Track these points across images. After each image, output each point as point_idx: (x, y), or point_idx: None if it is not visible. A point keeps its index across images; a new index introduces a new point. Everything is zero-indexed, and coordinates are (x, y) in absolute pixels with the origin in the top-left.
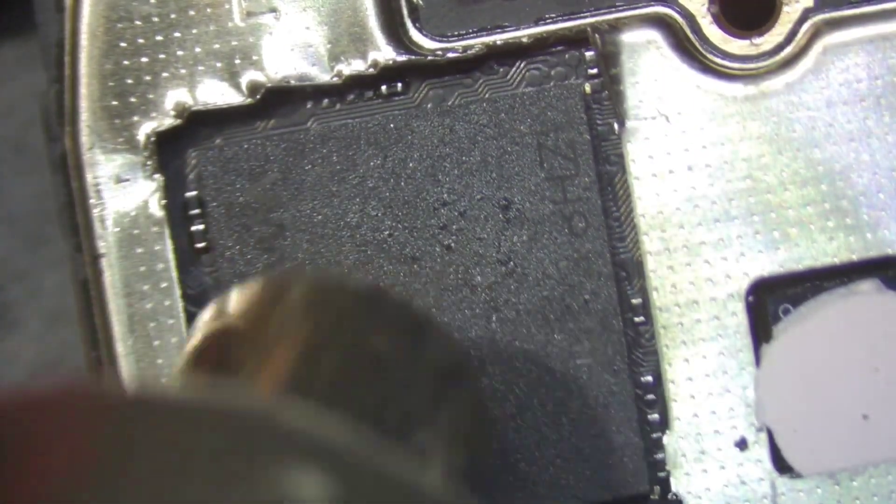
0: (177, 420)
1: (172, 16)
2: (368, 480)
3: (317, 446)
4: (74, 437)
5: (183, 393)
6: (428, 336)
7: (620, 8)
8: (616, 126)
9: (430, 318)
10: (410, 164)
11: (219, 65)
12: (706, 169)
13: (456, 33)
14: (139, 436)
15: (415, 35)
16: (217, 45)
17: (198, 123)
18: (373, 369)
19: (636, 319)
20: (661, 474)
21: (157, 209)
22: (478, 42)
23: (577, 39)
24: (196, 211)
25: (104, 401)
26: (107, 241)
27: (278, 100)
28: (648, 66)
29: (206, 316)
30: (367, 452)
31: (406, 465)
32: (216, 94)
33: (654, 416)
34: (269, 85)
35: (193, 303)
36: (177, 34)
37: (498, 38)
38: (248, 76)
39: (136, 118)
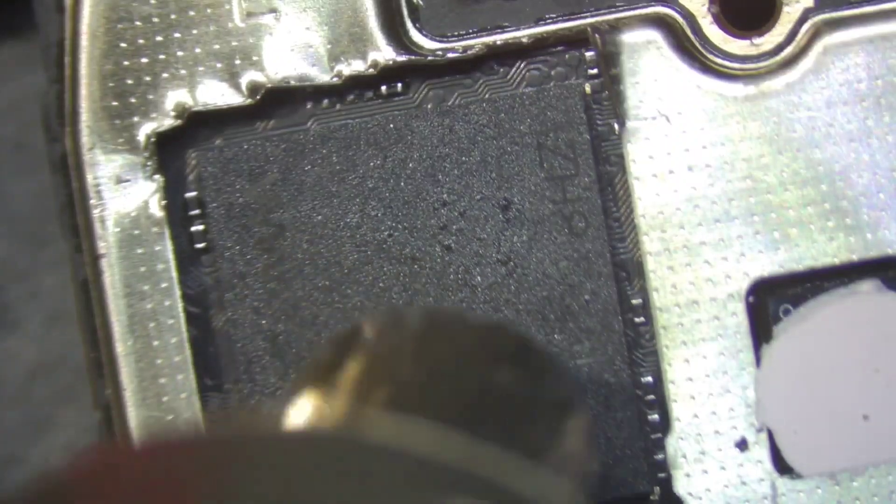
0: (342, 456)
1: (172, 16)
2: None
3: (477, 478)
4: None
5: (317, 426)
6: (545, 369)
7: (620, 8)
8: (616, 126)
9: (546, 351)
10: (410, 165)
11: (219, 65)
12: (706, 169)
13: (456, 33)
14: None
15: (415, 35)
16: (217, 46)
17: (198, 124)
18: (499, 404)
19: (636, 320)
20: (662, 475)
21: (157, 210)
22: (478, 42)
23: (577, 39)
24: (196, 211)
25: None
26: (107, 241)
27: (278, 100)
28: (649, 66)
29: (326, 345)
30: (521, 484)
31: (556, 498)
32: (216, 94)
33: (655, 417)
34: (269, 85)
35: (193, 303)
36: (177, 35)
37: (498, 38)
38: (248, 77)
39: (136, 119)
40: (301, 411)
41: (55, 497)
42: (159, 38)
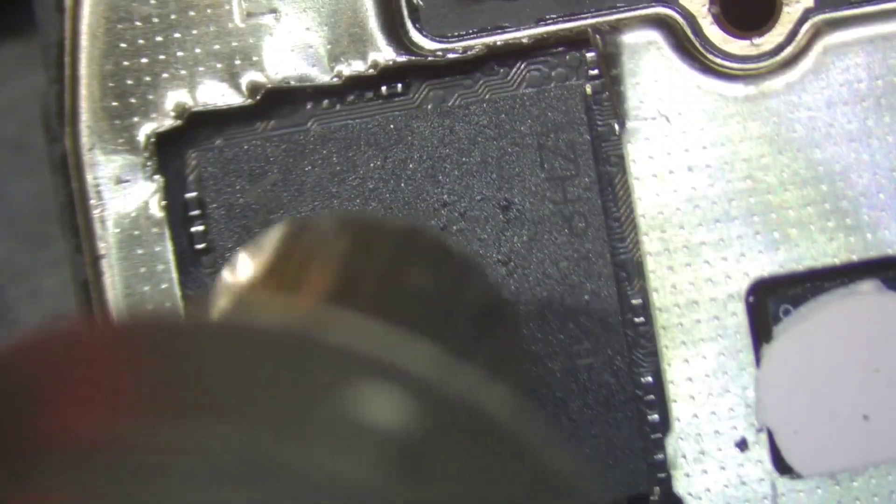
0: (243, 339)
1: (172, 17)
2: (447, 406)
3: (394, 368)
4: (118, 369)
5: (242, 316)
6: (467, 275)
7: (621, 9)
8: (616, 127)
9: (469, 258)
10: (410, 165)
11: (219, 65)
12: (706, 169)
13: (456, 34)
14: (210, 356)
15: (415, 36)
16: (217, 46)
17: (198, 124)
18: (415, 307)
19: (636, 320)
20: (661, 475)
21: (157, 210)
22: (478, 43)
23: (577, 40)
24: (196, 212)
25: (164, 326)
26: (107, 241)
27: (278, 100)
28: (649, 66)
29: (240, 256)
30: (438, 373)
31: (479, 388)
32: (216, 94)
33: (654, 417)
34: (270, 86)
35: (193, 304)
36: (177, 35)
37: (498, 38)
38: (248, 77)
39: (136, 119)
40: (232, 304)
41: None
42: (159, 39)
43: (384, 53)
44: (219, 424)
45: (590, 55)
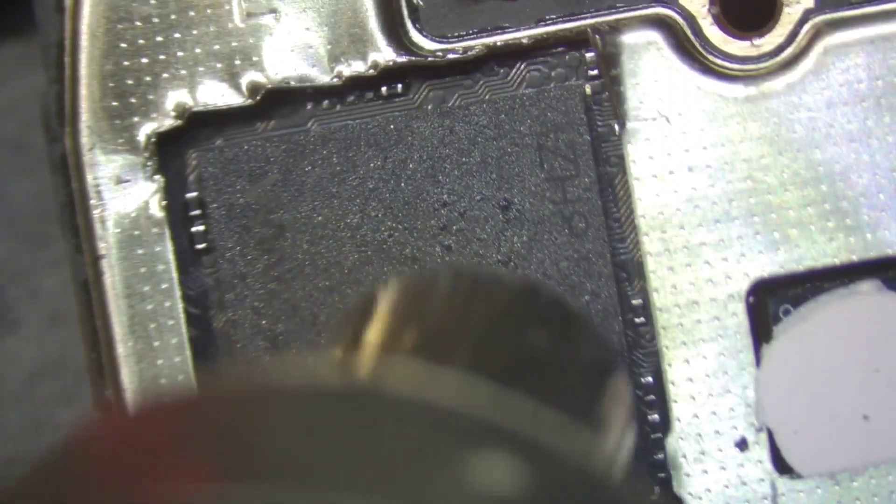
0: (361, 405)
1: (173, 17)
2: (563, 470)
3: (510, 433)
4: (212, 436)
5: (342, 379)
6: (580, 332)
7: (621, 9)
8: (616, 127)
9: (581, 314)
10: (410, 165)
11: (219, 66)
12: (706, 170)
13: (456, 34)
14: (324, 424)
15: (415, 36)
16: (217, 46)
17: (198, 124)
18: (532, 365)
19: (636, 320)
20: (662, 475)
21: (157, 210)
22: (478, 43)
23: (577, 40)
24: (196, 212)
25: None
26: (107, 242)
27: (278, 101)
28: (649, 67)
29: (357, 303)
30: (554, 440)
31: (592, 457)
32: (216, 94)
33: (655, 417)
34: (270, 86)
35: (194, 304)
36: (177, 35)
37: (498, 39)
38: (248, 77)
39: (136, 119)
40: (321, 364)
41: (56, 472)
42: (159, 39)
43: (384, 54)
44: (344, 495)
45: (589, 55)
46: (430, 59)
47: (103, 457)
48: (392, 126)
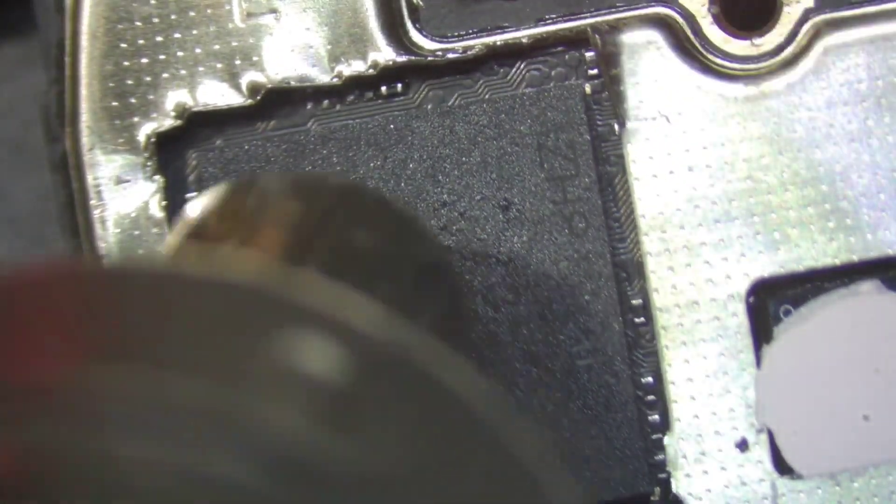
0: (181, 287)
1: (173, 17)
2: (382, 356)
3: (330, 318)
4: (69, 315)
5: (183, 264)
6: (409, 232)
7: (621, 8)
8: (616, 127)
9: (411, 214)
10: (411, 165)
11: (219, 66)
12: (707, 169)
13: (456, 34)
14: (140, 305)
15: (415, 36)
16: (217, 46)
17: (198, 124)
18: (357, 263)
19: (636, 320)
20: (662, 475)
21: (157, 210)
22: (478, 43)
23: (577, 40)
24: None
25: (97, 275)
26: (107, 242)
27: (278, 101)
28: (649, 66)
29: (188, 209)
30: (380, 328)
31: (418, 346)
32: (216, 95)
33: (655, 417)
34: (270, 86)
35: None
36: (177, 35)
37: (498, 38)
38: (248, 77)
39: (136, 119)
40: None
41: None
42: (159, 39)
43: (384, 53)
44: (156, 371)
45: (589, 55)
46: (429, 58)
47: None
48: (392, 126)
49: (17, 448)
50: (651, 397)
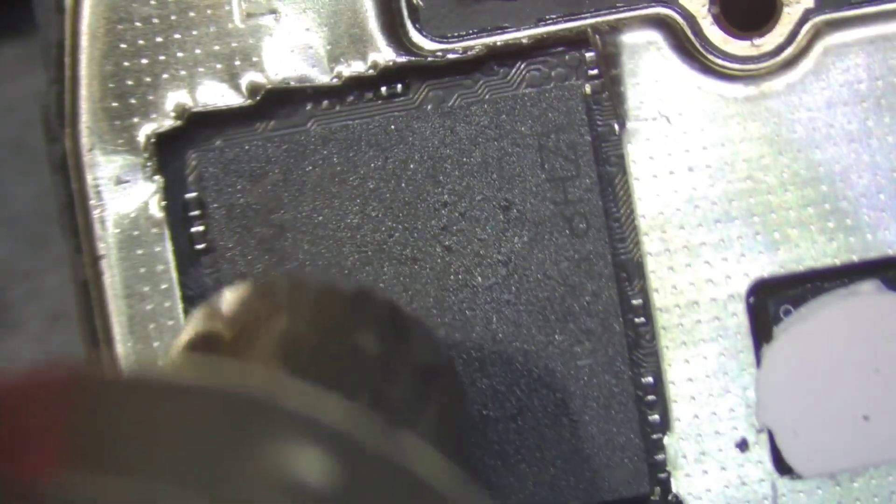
0: (175, 397)
1: (172, 17)
2: (370, 463)
3: (318, 426)
4: (66, 422)
5: (180, 373)
6: (411, 335)
7: (621, 9)
8: (617, 127)
9: (414, 318)
10: (411, 166)
11: (219, 66)
12: (707, 170)
13: (456, 34)
14: (137, 414)
15: (415, 36)
16: (217, 47)
17: (198, 125)
18: (357, 366)
19: (637, 320)
20: (662, 475)
21: (157, 210)
22: (478, 43)
23: (577, 40)
24: (196, 212)
25: (96, 383)
26: (107, 242)
27: (278, 101)
28: (649, 67)
29: (198, 314)
30: (368, 435)
31: (406, 451)
32: (216, 95)
33: (655, 417)
34: (269, 86)
35: (193, 304)
36: (177, 36)
37: (498, 39)
38: (248, 77)
39: (136, 119)
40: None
41: None
42: (159, 39)
43: (384, 54)
44: (146, 483)
45: (590, 55)
46: (430, 59)
47: None
48: (393, 126)
49: None
50: (651, 397)
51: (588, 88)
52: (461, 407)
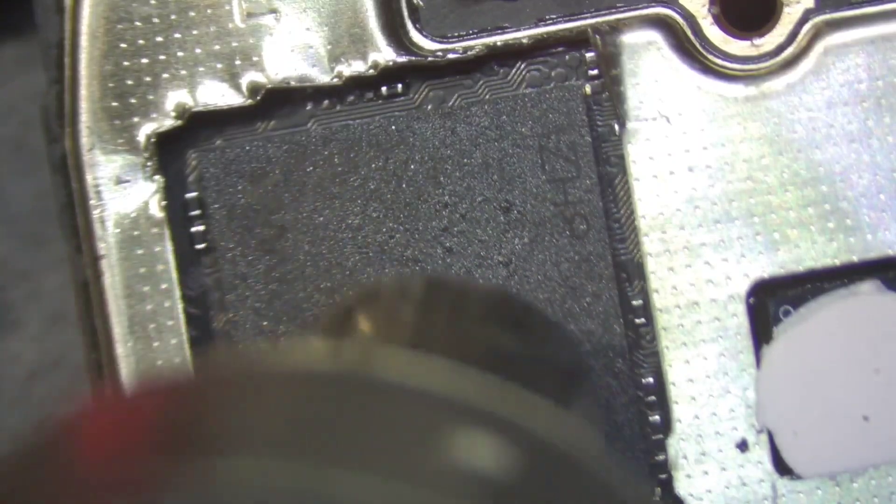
0: (377, 394)
1: (173, 17)
2: (547, 453)
3: (493, 414)
4: (282, 415)
5: (381, 370)
6: (552, 337)
7: (621, 9)
8: (617, 127)
9: (554, 320)
10: (412, 167)
11: (219, 66)
12: (707, 170)
13: (456, 34)
14: (350, 410)
15: (415, 36)
16: (217, 47)
17: (198, 124)
18: (504, 367)
19: (637, 321)
20: (663, 476)
21: (157, 210)
22: (478, 43)
23: (577, 40)
24: (196, 212)
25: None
26: (107, 242)
27: (278, 101)
28: (649, 67)
29: (331, 311)
30: (542, 422)
31: (579, 439)
32: (216, 95)
33: (655, 418)
34: (270, 86)
35: (193, 304)
36: (177, 35)
37: (498, 39)
38: (248, 77)
39: (136, 119)
40: (312, 351)
41: (47, 450)
42: (159, 39)
43: (384, 54)
44: (325, 468)
45: (590, 55)
46: (430, 59)
47: (92, 438)
48: (393, 127)
49: None
50: (652, 398)
51: (588, 89)
52: (598, 414)
